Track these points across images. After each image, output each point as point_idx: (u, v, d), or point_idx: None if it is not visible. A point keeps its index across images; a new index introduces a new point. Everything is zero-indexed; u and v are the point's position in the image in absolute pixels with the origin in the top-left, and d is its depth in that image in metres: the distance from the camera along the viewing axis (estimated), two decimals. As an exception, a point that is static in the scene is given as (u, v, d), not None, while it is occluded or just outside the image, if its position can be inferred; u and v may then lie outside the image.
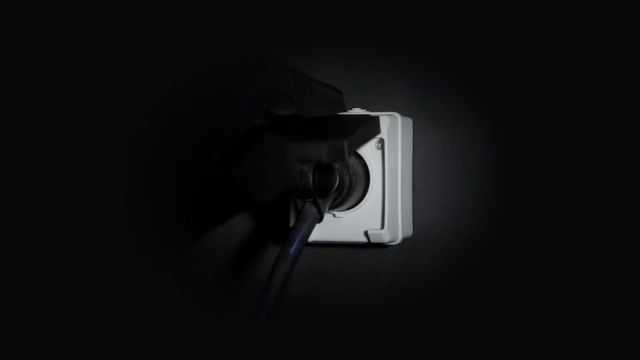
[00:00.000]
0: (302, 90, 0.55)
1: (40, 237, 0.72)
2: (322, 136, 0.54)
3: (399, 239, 0.62)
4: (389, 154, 0.61)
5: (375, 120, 0.60)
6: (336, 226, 0.62)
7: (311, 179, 0.55)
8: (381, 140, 0.61)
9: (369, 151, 0.61)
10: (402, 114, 0.62)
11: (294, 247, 0.54)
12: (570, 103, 0.61)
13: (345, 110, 0.60)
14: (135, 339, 0.70)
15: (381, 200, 0.61)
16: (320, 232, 0.62)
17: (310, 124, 0.57)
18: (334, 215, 0.62)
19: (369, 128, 0.59)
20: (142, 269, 0.70)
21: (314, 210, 0.56)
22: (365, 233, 0.61)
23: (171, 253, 0.70)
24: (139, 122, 0.70)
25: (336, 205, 0.60)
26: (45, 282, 0.72)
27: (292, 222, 0.62)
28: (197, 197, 0.56)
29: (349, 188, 0.60)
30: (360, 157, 0.61)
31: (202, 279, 0.69)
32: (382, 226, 0.61)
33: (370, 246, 0.64)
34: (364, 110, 0.61)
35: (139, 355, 0.70)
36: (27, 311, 0.72)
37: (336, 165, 0.59)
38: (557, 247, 0.62)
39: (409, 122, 0.63)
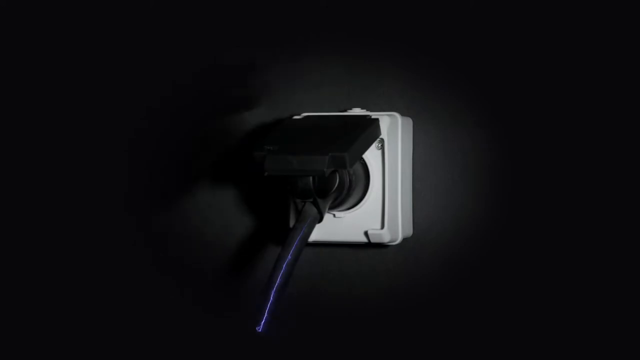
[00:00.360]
0: None
1: (40, 236, 0.72)
2: (323, 147, 0.54)
3: (399, 239, 0.61)
4: (389, 154, 0.61)
5: (376, 123, 0.60)
6: (336, 226, 0.62)
7: (311, 179, 0.55)
8: (381, 140, 0.61)
9: (369, 151, 0.61)
10: (402, 114, 0.61)
11: (294, 247, 0.54)
12: (570, 103, 0.61)
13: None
14: (135, 338, 0.70)
15: (381, 200, 0.61)
16: (320, 232, 0.62)
17: (312, 132, 0.57)
18: (334, 215, 0.62)
19: (370, 133, 0.59)
20: (142, 269, 0.70)
21: (314, 210, 0.56)
22: (365, 233, 0.61)
23: (171, 253, 0.70)
24: (139, 122, 0.70)
25: (336, 205, 0.60)
26: (44, 281, 0.72)
27: (292, 223, 0.62)
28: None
29: (349, 188, 0.60)
30: (360, 158, 0.61)
31: (202, 279, 0.69)
32: (382, 226, 0.61)
33: (370, 246, 0.64)
34: (364, 110, 0.61)
35: (139, 355, 0.70)
36: (27, 310, 0.72)
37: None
38: (556, 247, 0.62)
39: (409, 122, 0.63)
